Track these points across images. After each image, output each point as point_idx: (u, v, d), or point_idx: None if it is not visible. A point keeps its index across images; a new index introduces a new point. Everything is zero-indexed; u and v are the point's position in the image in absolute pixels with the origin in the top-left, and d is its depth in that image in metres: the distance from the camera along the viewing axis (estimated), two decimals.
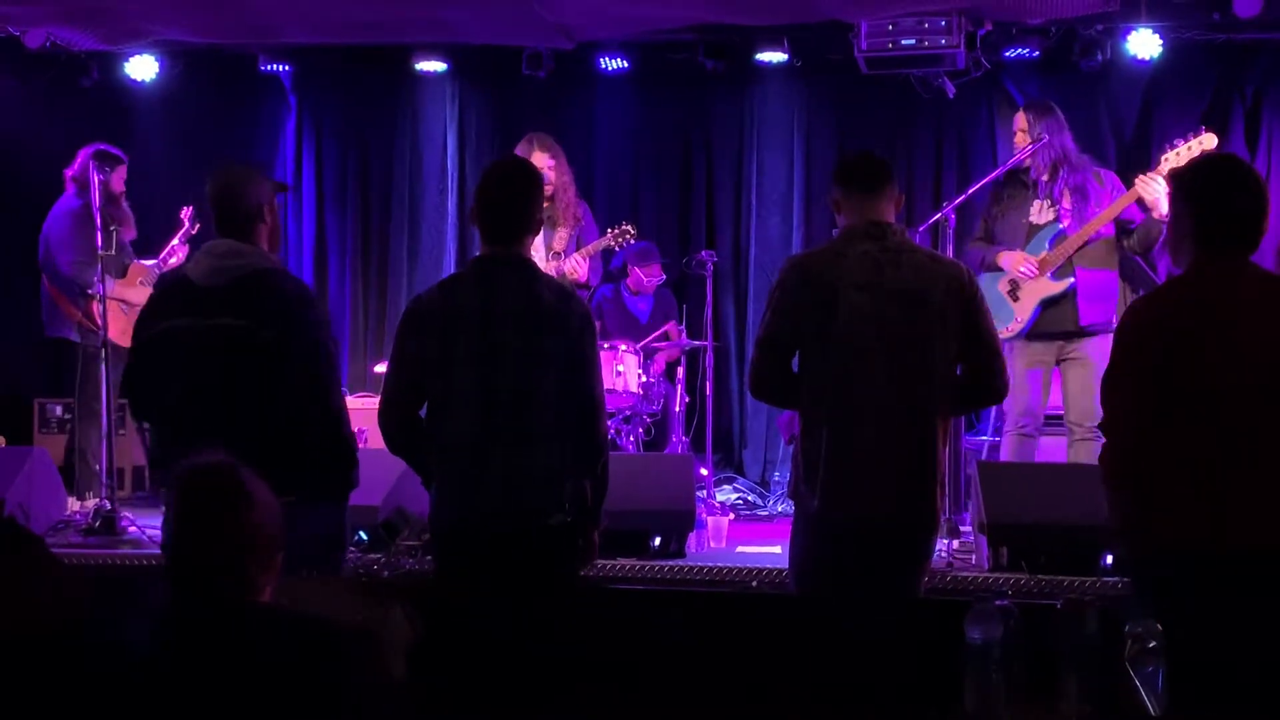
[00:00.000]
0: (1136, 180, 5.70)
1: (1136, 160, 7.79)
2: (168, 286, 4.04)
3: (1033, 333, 5.90)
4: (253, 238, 3.84)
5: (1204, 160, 3.68)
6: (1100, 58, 7.59)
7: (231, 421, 3.65)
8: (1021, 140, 5.99)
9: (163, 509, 2.38)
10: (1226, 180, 3.25)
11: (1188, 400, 3.09)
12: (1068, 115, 6.14)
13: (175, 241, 7.26)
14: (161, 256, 7.19)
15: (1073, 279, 5.86)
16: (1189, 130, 5.83)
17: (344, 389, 7.92)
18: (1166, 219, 5.61)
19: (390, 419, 3.72)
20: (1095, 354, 5.85)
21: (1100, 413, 5.85)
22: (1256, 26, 7.25)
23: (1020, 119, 6.05)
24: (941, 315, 3.65)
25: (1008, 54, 7.82)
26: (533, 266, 3.71)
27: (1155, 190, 5.61)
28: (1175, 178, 3.41)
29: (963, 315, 3.68)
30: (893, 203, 3.79)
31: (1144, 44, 7.42)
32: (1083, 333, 5.88)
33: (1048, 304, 5.89)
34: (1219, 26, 7.39)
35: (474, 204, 3.77)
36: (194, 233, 7.17)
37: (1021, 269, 5.86)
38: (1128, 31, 7.41)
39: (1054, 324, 5.89)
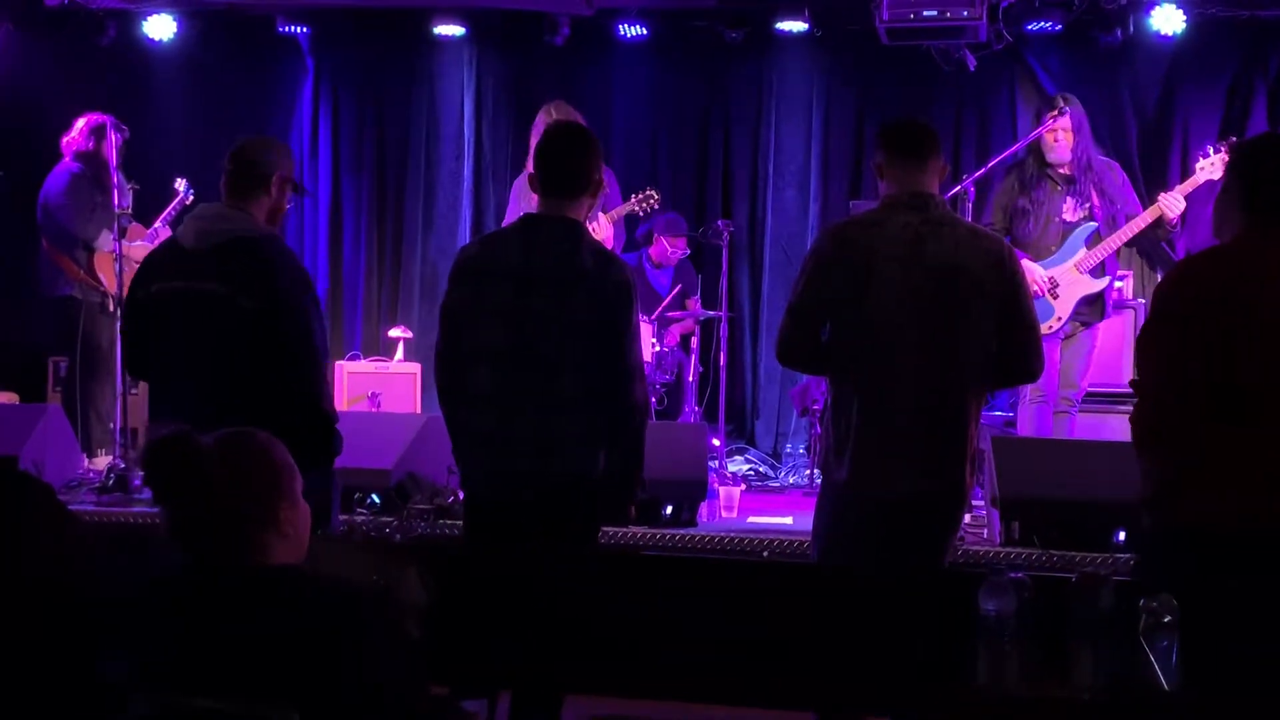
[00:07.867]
0: (1159, 198, 5.98)
1: (1157, 140, 7.79)
2: (160, 249, 4.05)
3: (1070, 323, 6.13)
4: (251, 206, 3.80)
5: (1260, 136, 3.71)
6: (1123, 33, 7.53)
7: (212, 386, 3.67)
8: (1067, 138, 6.03)
9: None
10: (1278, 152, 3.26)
11: (1223, 370, 3.01)
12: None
13: (161, 220, 7.13)
14: (152, 229, 7.12)
15: (1109, 277, 6.13)
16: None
17: (357, 354, 8.10)
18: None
19: (438, 371, 3.75)
20: (1096, 335, 6.23)
21: (1084, 389, 6.18)
22: None
23: (1077, 118, 6.04)
24: (980, 290, 3.60)
25: (1030, 27, 7.75)
26: (578, 228, 3.66)
27: (1177, 207, 5.93)
28: (1231, 150, 3.46)
29: (1002, 291, 3.62)
30: (937, 174, 3.73)
31: (1167, 19, 7.38)
32: (1101, 318, 6.21)
33: (1086, 301, 6.10)
34: (1243, 3, 7.36)
35: (533, 162, 3.78)
36: (188, 203, 7.08)
37: (1035, 285, 5.79)
38: (1151, 7, 7.36)
39: (1088, 316, 6.15)
